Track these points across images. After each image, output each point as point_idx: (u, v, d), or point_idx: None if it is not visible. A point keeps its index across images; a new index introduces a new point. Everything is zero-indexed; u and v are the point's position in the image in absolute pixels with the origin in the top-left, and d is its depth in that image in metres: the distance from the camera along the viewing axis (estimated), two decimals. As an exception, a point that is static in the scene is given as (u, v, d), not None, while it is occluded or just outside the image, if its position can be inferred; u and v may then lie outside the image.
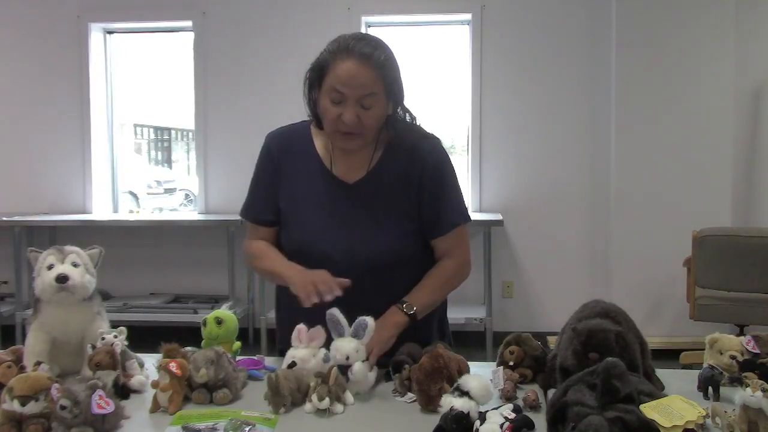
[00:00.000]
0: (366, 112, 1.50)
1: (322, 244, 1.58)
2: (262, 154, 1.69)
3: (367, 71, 1.47)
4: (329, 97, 1.50)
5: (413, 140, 1.62)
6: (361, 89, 1.48)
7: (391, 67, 1.53)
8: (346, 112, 1.49)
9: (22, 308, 4.62)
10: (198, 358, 1.35)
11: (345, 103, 1.49)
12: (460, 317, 4.40)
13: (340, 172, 1.63)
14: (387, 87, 1.52)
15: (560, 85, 4.79)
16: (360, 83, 1.47)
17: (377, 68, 1.48)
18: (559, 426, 1.02)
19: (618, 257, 4.59)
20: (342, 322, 1.38)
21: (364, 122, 1.51)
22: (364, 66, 1.47)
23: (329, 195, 1.62)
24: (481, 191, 4.87)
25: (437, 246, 1.65)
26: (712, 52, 4.43)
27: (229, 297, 4.81)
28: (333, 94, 1.49)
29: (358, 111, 1.49)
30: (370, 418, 1.30)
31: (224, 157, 5.00)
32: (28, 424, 1.16)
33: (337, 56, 1.49)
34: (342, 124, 1.51)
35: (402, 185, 1.60)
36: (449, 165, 1.66)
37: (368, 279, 1.54)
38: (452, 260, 1.66)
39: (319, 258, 1.56)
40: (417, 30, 5.17)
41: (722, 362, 1.40)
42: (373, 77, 1.48)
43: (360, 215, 1.60)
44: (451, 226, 1.64)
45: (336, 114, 1.50)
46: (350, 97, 1.48)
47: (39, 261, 1.44)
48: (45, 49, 5.10)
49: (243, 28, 4.95)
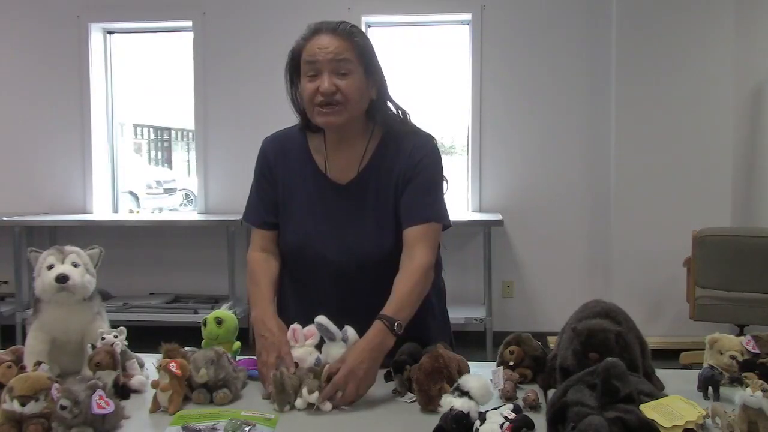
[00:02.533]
0: (343, 82, 1.52)
1: (316, 245, 1.61)
2: (258, 159, 1.72)
3: (337, 39, 1.53)
4: (306, 76, 1.54)
5: (404, 136, 1.63)
6: (332, 54, 1.52)
7: (360, 36, 1.57)
8: (322, 81, 1.52)
9: (22, 308, 4.62)
10: (198, 358, 1.35)
11: (320, 76, 1.52)
12: (460, 317, 4.40)
13: (334, 173, 1.64)
14: (360, 55, 1.55)
15: (560, 85, 4.79)
16: (330, 50, 1.52)
17: (346, 35, 1.54)
18: (559, 426, 1.02)
19: (618, 257, 4.58)
20: (331, 328, 1.39)
21: (342, 91, 1.52)
22: (332, 35, 1.54)
23: (322, 196, 1.64)
24: (481, 191, 4.87)
25: (408, 236, 1.56)
26: (712, 52, 4.43)
27: (229, 297, 4.80)
28: (308, 69, 1.54)
29: (334, 80, 1.52)
30: (370, 418, 1.30)
31: (224, 157, 5.00)
32: (28, 424, 1.16)
33: (306, 37, 1.56)
34: (320, 97, 1.53)
35: (390, 182, 1.61)
36: (437, 164, 1.63)
37: (362, 277, 1.58)
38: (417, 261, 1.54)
39: (314, 258, 1.61)
40: (417, 30, 5.17)
41: (722, 362, 1.40)
42: (343, 44, 1.53)
43: (352, 215, 1.61)
44: (425, 219, 1.57)
45: (314, 88, 1.53)
46: (324, 64, 1.52)
47: (39, 261, 1.44)
48: (45, 49, 5.10)
49: (243, 28, 4.95)
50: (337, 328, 1.41)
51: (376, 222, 1.60)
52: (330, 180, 1.64)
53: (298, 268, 1.67)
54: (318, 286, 1.63)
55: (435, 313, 1.71)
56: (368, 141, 1.63)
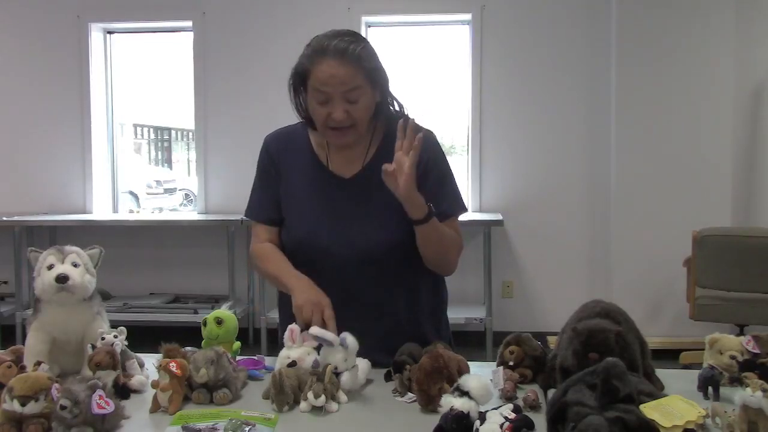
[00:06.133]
0: (354, 106, 1.53)
1: (321, 237, 1.61)
2: (261, 156, 1.73)
3: (346, 67, 1.50)
4: (315, 99, 1.54)
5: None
6: (343, 86, 1.50)
7: (368, 56, 1.54)
8: (334, 111, 1.52)
9: (22, 308, 4.63)
10: (198, 358, 1.35)
11: (331, 102, 1.52)
12: (460, 317, 4.40)
13: (337, 167, 1.66)
14: (368, 77, 1.54)
15: (560, 85, 4.79)
16: (340, 80, 1.50)
17: (354, 61, 1.50)
18: (559, 426, 1.02)
19: (618, 257, 4.59)
20: (327, 336, 1.38)
21: (353, 116, 1.54)
22: (341, 62, 1.49)
23: (326, 190, 1.65)
24: (481, 191, 4.87)
25: None
26: (712, 53, 4.44)
27: (229, 297, 4.80)
28: (318, 95, 1.53)
29: (345, 107, 1.52)
30: (370, 418, 1.30)
31: (224, 157, 5.00)
32: (28, 424, 1.16)
33: (314, 59, 1.52)
34: (332, 122, 1.53)
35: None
36: (444, 156, 1.69)
37: (367, 269, 1.59)
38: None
39: (319, 250, 1.61)
40: (417, 30, 5.17)
41: (722, 362, 1.40)
42: (352, 71, 1.50)
43: (357, 208, 1.63)
44: (449, 216, 1.64)
45: (325, 114, 1.53)
46: (334, 95, 1.51)
47: (39, 261, 1.44)
48: (45, 49, 5.10)
49: (243, 28, 4.95)
50: (334, 334, 1.39)
51: (380, 216, 1.61)
52: (333, 174, 1.65)
53: (301, 262, 1.66)
54: (321, 280, 1.62)
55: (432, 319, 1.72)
56: (371, 137, 1.65)
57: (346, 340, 1.37)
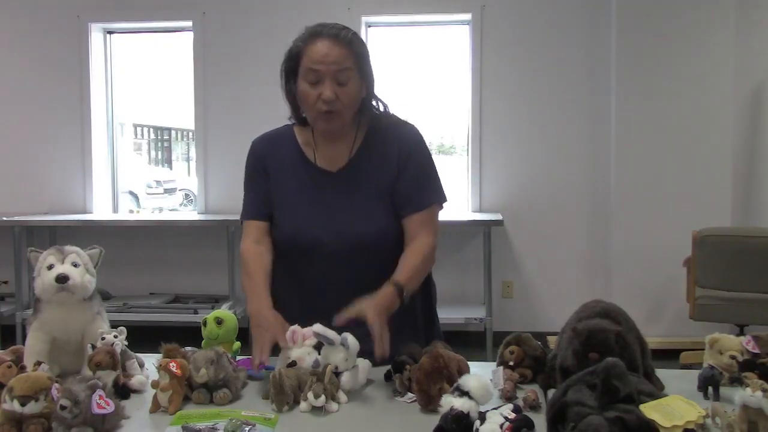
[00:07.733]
0: (343, 89, 1.58)
1: (310, 230, 1.67)
2: (248, 159, 1.80)
3: (339, 48, 1.58)
4: (306, 81, 1.59)
5: (391, 127, 1.72)
6: (335, 65, 1.57)
7: (359, 43, 1.63)
8: (324, 90, 1.57)
9: (22, 308, 4.62)
10: (198, 358, 1.35)
11: (322, 82, 1.57)
12: (460, 317, 4.40)
13: (323, 163, 1.72)
14: (358, 63, 1.61)
15: (560, 85, 4.79)
16: (333, 59, 1.57)
17: (347, 44, 1.59)
18: (559, 426, 1.02)
19: (618, 257, 4.58)
20: (329, 334, 1.39)
21: (342, 99, 1.59)
22: (335, 43, 1.58)
23: (314, 185, 1.70)
24: (481, 191, 4.87)
25: (410, 223, 1.68)
26: (712, 52, 4.43)
27: (229, 297, 4.80)
28: (310, 75, 1.58)
29: (335, 88, 1.57)
30: (370, 418, 1.30)
31: (224, 157, 5.00)
32: (28, 424, 1.16)
33: (308, 41, 1.60)
34: (322, 104, 1.58)
35: (383, 169, 1.69)
36: (426, 148, 1.75)
37: (357, 259, 1.64)
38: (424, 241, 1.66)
39: (310, 241, 1.66)
40: (417, 30, 5.17)
41: (722, 362, 1.40)
42: (344, 53, 1.58)
43: (345, 200, 1.68)
44: (428, 204, 1.70)
45: (315, 95, 1.58)
46: (326, 73, 1.57)
47: (39, 261, 1.44)
48: (45, 49, 5.10)
49: (243, 28, 4.95)
50: (336, 333, 1.40)
51: (367, 206, 1.67)
52: (321, 169, 1.71)
53: (293, 257, 1.70)
54: (314, 274, 1.68)
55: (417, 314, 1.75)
56: (356, 132, 1.71)
57: (347, 339, 1.38)
